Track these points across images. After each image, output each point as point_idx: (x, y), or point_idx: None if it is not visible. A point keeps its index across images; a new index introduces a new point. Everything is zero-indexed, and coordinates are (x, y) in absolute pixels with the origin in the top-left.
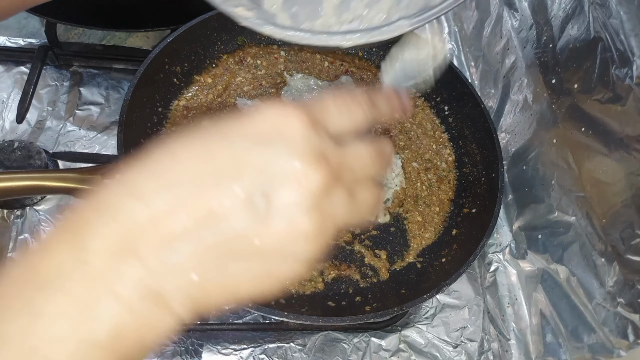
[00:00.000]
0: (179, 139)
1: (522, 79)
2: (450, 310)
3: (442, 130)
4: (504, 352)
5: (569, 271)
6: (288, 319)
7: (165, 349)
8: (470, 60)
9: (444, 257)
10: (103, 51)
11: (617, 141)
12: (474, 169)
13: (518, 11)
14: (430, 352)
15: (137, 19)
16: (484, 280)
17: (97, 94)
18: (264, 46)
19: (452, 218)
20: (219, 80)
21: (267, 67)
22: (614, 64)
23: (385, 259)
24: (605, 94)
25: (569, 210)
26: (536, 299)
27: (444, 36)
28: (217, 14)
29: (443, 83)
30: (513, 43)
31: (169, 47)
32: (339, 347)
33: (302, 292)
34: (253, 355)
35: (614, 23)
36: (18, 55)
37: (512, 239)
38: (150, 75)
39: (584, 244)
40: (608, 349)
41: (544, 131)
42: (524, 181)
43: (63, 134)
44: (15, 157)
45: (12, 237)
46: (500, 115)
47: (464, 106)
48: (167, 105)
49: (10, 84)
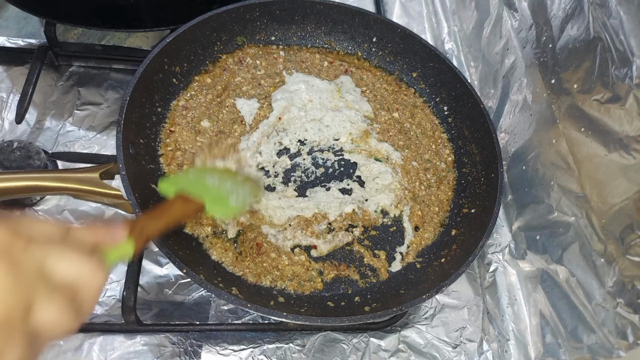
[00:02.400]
0: None
1: (521, 79)
2: (449, 311)
3: (442, 130)
4: (504, 353)
5: (568, 271)
6: (287, 319)
7: (165, 350)
8: (469, 60)
9: (443, 258)
10: (102, 51)
11: (617, 141)
12: (474, 169)
13: (518, 11)
14: (430, 352)
15: (136, 19)
16: (483, 281)
17: (97, 94)
18: (263, 46)
19: (452, 218)
20: (219, 80)
21: (266, 67)
22: (613, 64)
23: (384, 259)
24: (604, 94)
25: (568, 211)
26: (535, 299)
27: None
28: (216, 14)
29: (443, 83)
30: (513, 43)
31: (168, 47)
32: (338, 348)
33: (301, 293)
34: (252, 356)
35: (613, 23)
36: (18, 56)
37: (511, 239)
38: (150, 76)
39: (584, 244)
40: (608, 349)
41: (544, 131)
42: (523, 181)
43: (62, 134)
44: (14, 158)
45: None
46: (499, 116)
47: (463, 106)
48: (167, 105)
49: (10, 84)
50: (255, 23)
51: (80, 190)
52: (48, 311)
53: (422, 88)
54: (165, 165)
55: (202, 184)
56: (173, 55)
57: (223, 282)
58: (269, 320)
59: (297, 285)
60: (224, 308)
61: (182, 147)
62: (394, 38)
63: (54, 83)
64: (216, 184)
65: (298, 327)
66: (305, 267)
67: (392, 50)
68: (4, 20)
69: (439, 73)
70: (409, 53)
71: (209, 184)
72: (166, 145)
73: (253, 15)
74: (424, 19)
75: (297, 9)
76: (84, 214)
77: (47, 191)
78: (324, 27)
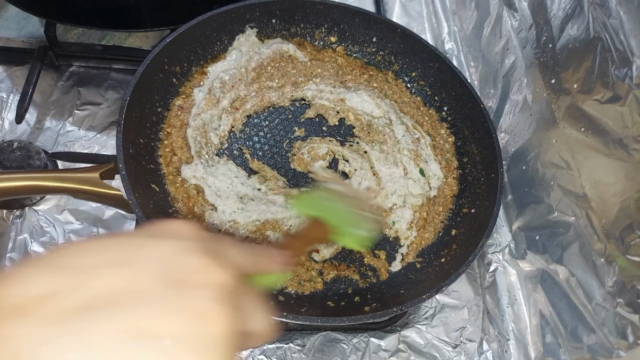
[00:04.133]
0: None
1: (521, 79)
2: (449, 311)
3: None
4: (503, 353)
5: (568, 271)
6: (287, 319)
7: None
8: (469, 60)
9: (443, 257)
10: (102, 51)
11: (617, 141)
12: (474, 169)
13: (518, 11)
14: (430, 352)
15: (136, 19)
16: (483, 281)
17: (97, 94)
18: None
19: (452, 218)
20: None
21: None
22: (613, 64)
23: (384, 259)
24: (604, 94)
25: (568, 211)
26: (536, 299)
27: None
28: (216, 14)
29: (443, 83)
30: (513, 43)
31: (168, 47)
32: (338, 348)
33: (301, 292)
34: (252, 356)
35: (613, 23)
36: (18, 56)
37: (511, 239)
38: (150, 76)
39: (584, 244)
40: (608, 349)
41: (544, 131)
42: (523, 181)
43: (62, 134)
44: (14, 157)
45: (11, 238)
46: (499, 116)
47: (463, 106)
48: (166, 105)
49: (10, 84)
50: (255, 23)
51: (80, 190)
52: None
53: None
54: (165, 166)
55: (335, 212)
56: (173, 55)
57: None
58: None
59: (297, 285)
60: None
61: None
62: (394, 38)
63: (54, 83)
64: (347, 214)
65: (298, 327)
66: (305, 267)
67: (392, 50)
68: (4, 20)
69: (439, 73)
70: (409, 53)
71: (340, 212)
72: (164, 146)
73: (253, 15)
74: (424, 19)
75: (297, 9)
76: (84, 214)
77: (47, 191)
78: (324, 27)
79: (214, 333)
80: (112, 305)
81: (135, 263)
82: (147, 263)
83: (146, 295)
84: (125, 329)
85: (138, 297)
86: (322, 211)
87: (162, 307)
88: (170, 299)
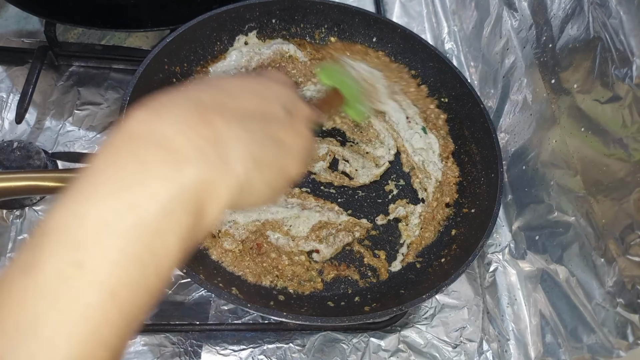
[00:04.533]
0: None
1: (521, 79)
2: (449, 311)
3: None
4: (503, 353)
5: (568, 271)
6: (287, 319)
7: (165, 350)
8: (469, 60)
9: (443, 257)
10: (102, 51)
11: (617, 141)
12: (474, 169)
13: (518, 11)
14: (430, 352)
15: (136, 19)
16: (483, 281)
17: (97, 94)
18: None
19: (452, 218)
20: None
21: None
22: (613, 64)
23: (384, 259)
24: (604, 94)
25: (568, 211)
26: (535, 299)
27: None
28: (216, 14)
29: (443, 83)
30: (513, 43)
31: (168, 47)
32: (338, 348)
33: (301, 292)
34: (252, 356)
35: (613, 23)
36: (17, 55)
37: (511, 239)
38: (150, 76)
39: (584, 244)
40: (607, 349)
41: (544, 131)
42: (523, 181)
43: (62, 134)
44: (14, 157)
45: (11, 237)
46: (499, 115)
47: (463, 106)
48: None
49: (10, 84)
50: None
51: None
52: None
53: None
54: None
55: (349, 86)
56: (173, 55)
57: (223, 282)
58: (269, 320)
59: (297, 285)
60: (224, 308)
61: None
62: (394, 38)
63: (54, 83)
64: (356, 91)
65: (298, 327)
66: (305, 267)
67: (392, 50)
68: (4, 20)
69: (439, 73)
70: (409, 53)
71: (352, 88)
72: None
73: (253, 15)
74: (424, 19)
75: (297, 9)
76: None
77: (47, 191)
78: (324, 27)
79: (307, 146)
80: (258, 118)
81: (268, 96)
82: (274, 97)
83: (275, 117)
84: (270, 134)
85: (271, 116)
86: (340, 83)
87: (284, 125)
88: (288, 122)
